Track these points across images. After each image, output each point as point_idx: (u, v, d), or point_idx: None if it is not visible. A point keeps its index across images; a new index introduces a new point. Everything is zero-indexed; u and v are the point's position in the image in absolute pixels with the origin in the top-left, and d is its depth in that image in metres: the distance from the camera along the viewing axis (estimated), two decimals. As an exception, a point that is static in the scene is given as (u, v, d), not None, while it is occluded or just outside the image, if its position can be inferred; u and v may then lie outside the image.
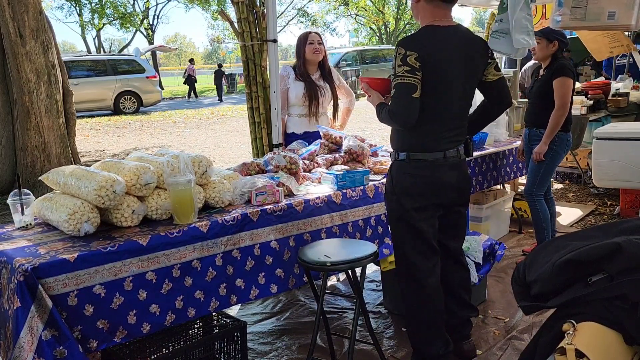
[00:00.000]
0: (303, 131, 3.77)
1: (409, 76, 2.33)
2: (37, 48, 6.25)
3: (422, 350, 2.58)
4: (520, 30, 3.38)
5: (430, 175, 2.48)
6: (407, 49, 2.34)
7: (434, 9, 2.46)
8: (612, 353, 1.61)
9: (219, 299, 2.32)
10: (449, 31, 2.45)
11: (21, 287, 1.83)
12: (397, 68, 2.36)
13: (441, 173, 2.48)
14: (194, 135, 11.67)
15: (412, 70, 2.33)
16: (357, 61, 21.28)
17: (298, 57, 3.76)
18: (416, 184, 2.48)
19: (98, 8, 33.98)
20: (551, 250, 1.85)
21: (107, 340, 2.01)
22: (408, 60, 2.33)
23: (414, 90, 2.34)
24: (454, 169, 2.52)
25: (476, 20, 46.65)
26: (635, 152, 4.15)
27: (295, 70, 3.77)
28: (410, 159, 2.49)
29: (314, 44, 3.68)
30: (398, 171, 2.54)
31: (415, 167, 2.48)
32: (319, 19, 35.32)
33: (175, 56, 65.16)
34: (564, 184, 6.41)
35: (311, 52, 3.69)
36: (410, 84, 2.33)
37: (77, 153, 7.07)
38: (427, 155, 2.47)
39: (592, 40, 6.74)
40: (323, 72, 3.80)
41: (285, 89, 3.79)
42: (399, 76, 2.35)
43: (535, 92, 3.94)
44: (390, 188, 2.57)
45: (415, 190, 2.49)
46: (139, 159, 2.47)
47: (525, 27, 3.39)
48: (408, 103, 2.34)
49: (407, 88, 2.33)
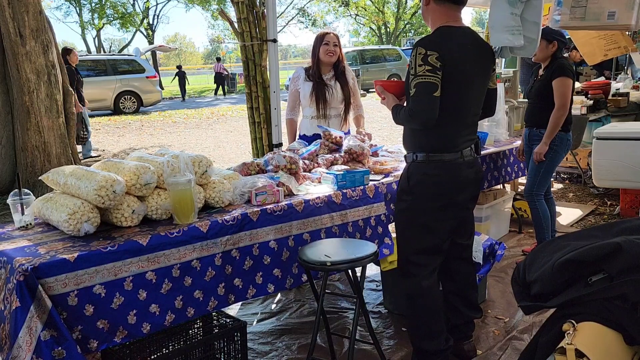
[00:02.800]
0: (313, 133, 3.70)
1: (430, 75, 2.34)
2: (37, 48, 6.25)
3: (422, 346, 2.58)
4: (502, 29, 3.35)
5: (450, 175, 2.49)
6: (428, 49, 2.35)
7: (446, 11, 2.48)
8: (612, 353, 1.61)
9: (217, 299, 2.32)
10: (463, 32, 2.48)
11: (21, 287, 1.83)
12: (417, 67, 2.36)
13: (460, 172, 2.51)
14: (194, 135, 11.67)
15: (434, 69, 2.34)
16: (357, 61, 21.27)
17: (313, 56, 3.72)
18: (437, 184, 2.50)
19: (98, 8, 33.99)
20: (551, 250, 1.85)
21: (107, 340, 2.01)
22: (429, 59, 2.34)
23: (435, 89, 2.34)
24: (470, 166, 2.55)
25: (476, 20, 46.61)
26: (635, 152, 4.15)
27: (307, 71, 3.74)
28: (429, 159, 2.49)
29: (329, 45, 3.64)
30: (416, 172, 2.54)
31: (435, 167, 2.49)
32: (319, 19, 35.30)
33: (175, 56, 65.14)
34: (564, 184, 6.41)
35: (325, 54, 3.65)
36: (432, 82, 2.34)
37: (77, 153, 7.09)
38: (446, 156, 2.48)
39: (586, 44, 6.69)
40: (337, 72, 3.74)
41: (296, 90, 3.76)
42: (420, 75, 2.35)
43: (535, 92, 3.94)
44: (407, 188, 2.57)
45: (437, 191, 2.50)
46: (139, 159, 2.47)
47: (509, 26, 3.35)
48: (429, 102, 2.35)
49: (428, 87, 2.34)
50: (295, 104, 3.81)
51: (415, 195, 2.54)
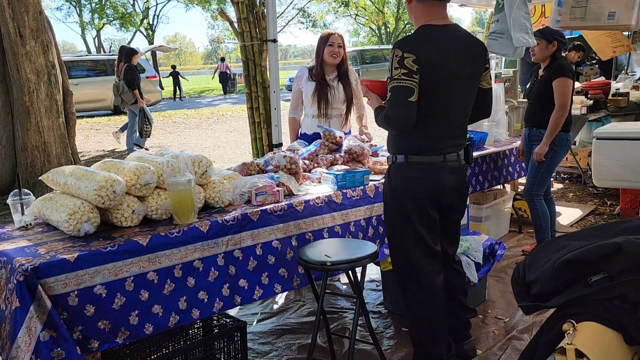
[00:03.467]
0: (313, 132, 3.72)
1: (406, 79, 2.28)
2: (37, 48, 6.24)
3: (425, 352, 2.55)
4: (519, 28, 3.37)
5: (429, 177, 2.44)
6: (405, 51, 2.29)
7: (428, 8, 2.41)
8: (612, 353, 1.61)
9: (222, 300, 2.32)
10: (447, 30, 2.39)
11: (20, 287, 1.83)
12: (393, 71, 2.31)
13: (441, 176, 2.44)
14: (193, 135, 11.67)
15: (409, 73, 2.28)
16: (357, 61, 21.27)
17: (317, 56, 3.72)
18: (415, 187, 2.44)
19: (98, 8, 33.98)
20: (551, 250, 1.85)
21: (108, 340, 2.01)
22: (405, 62, 2.28)
23: (410, 94, 2.29)
24: (454, 172, 2.48)
25: (476, 20, 46.58)
26: (635, 152, 4.15)
27: (310, 71, 3.75)
28: (408, 161, 2.44)
29: (333, 46, 3.63)
30: (396, 174, 2.50)
31: (414, 170, 2.44)
32: (319, 19, 35.29)
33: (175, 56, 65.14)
34: (564, 184, 6.41)
35: (329, 55, 3.64)
36: (407, 87, 2.28)
37: (77, 153, 7.08)
38: (425, 158, 2.43)
39: (596, 40, 6.76)
40: (340, 72, 3.74)
41: (299, 90, 3.77)
42: (396, 79, 2.30)
43: (534, 93, 3.94)
44: (389, 191, 2.54)
45: (415, 193, 2.45)
46: (139, 159, 2.47)
47: (524, 26, 3.37)
48: (404, 107, 2.30)
49: (403, 92, 2.29)
50: (298, 103, 3.82)
51: (396, 199, 2.49)
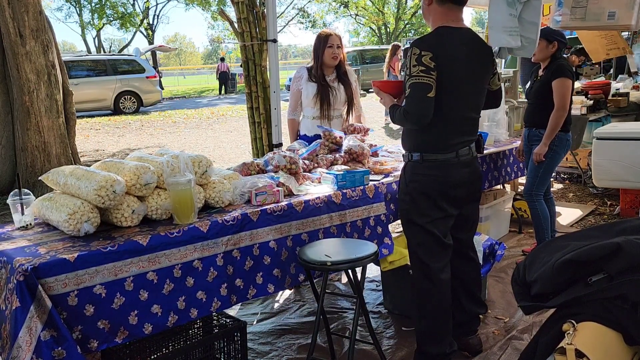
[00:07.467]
0: (314, 134, 3.68)
1: (424, 76, 2.36)
2: (37, 48, 6.25)
3: (428, 348, 2.57)
4: (500, 29, 3.35)
5: (443, 175, 2.51)
6: (422, 49, 2.37)
7: (447, 11, 2.50)
8: (612, 353, 1.61)
9: (220, 299, 2.32)
10: (461, 33, 2.49)
11: (21, 287, 1.83)
12: (411, 68, 2.38)
13: (454, 172, 2.52)
14: (193, 135, 11.67)
15: (427, 70, 2.36)
16: (357, 61, 21.26)
17: (315, 57, 3.67)
18: (429, 184, 2.51)
19: (98, 8, 33.97)
20: (551, 250, 1.85)
21: (108, 340, 2.01)
22: (423, 60, 2.36)
23: (429, 90, 2.37)
24: (466, 166, 2.56)
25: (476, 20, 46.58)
26: (635, 152, 4.15)
27: (309, 71, 3.71)
28: (423, 159, 2.52)
29: (333, 47, 3.61)
30: (411, 172, 2.57)
31: (428, 167, 2.52)
32: (319, 19, 35.30)
33: (175, 56, 65.14)
34: (564, 184, 6.41)
35: (329, 57, 3.62)
36: (426, 83, 2.36)
37: (77, 153, 7.08)
38: (439, 156, 2.50)
39: (591, 41, 6.75)
40: (339, 73, 3.72)
41: (298, 90, 3.74)
42: (414, 76, 2.37)
43: (534, 93, 3.94)
44: (404, 188, 2.61)
45: (429, 190, 2.52)
46: (139, 159, 2.47)
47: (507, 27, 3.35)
48: (423, 102, 2.37)
49: (422, 88, 2.36)
50: (297, 104, 3.78)
51: (410, 195, 2.57)
